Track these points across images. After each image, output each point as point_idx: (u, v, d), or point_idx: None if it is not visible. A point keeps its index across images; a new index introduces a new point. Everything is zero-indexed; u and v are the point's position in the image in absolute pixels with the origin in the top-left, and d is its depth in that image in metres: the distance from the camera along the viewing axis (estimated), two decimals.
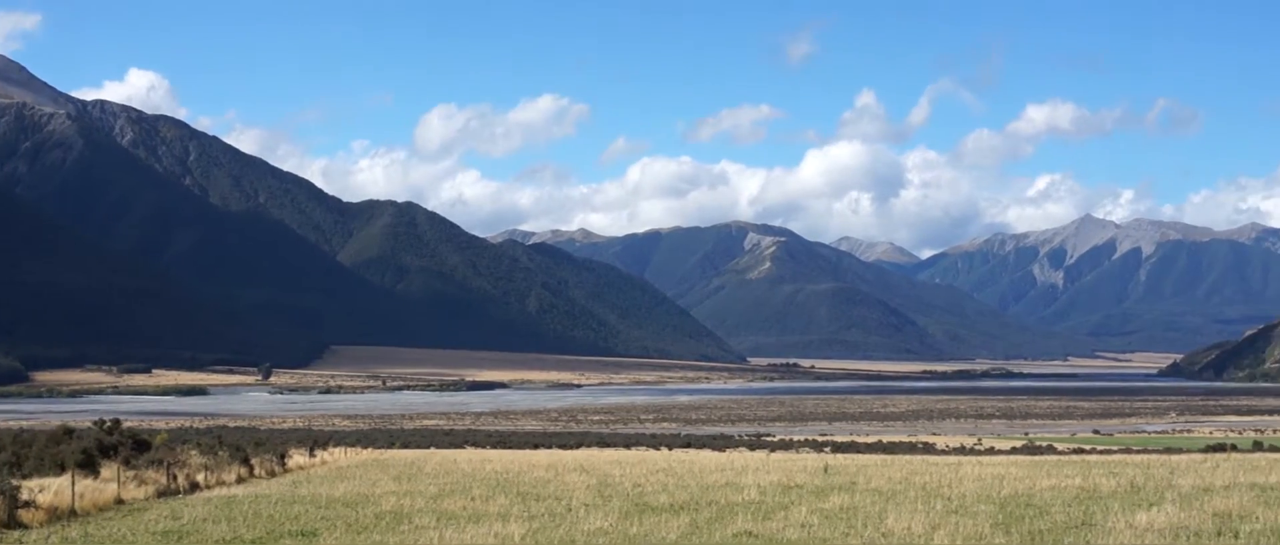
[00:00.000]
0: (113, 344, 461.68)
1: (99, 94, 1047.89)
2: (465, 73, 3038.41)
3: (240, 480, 46.49)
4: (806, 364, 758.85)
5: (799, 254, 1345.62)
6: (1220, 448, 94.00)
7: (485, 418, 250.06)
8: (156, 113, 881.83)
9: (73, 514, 31.33)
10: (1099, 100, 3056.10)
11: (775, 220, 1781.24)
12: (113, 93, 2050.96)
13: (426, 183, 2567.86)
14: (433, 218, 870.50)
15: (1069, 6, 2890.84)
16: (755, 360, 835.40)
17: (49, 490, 32.74)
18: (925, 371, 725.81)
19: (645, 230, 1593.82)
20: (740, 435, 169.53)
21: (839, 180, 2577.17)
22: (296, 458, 63.79)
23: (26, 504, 30.02)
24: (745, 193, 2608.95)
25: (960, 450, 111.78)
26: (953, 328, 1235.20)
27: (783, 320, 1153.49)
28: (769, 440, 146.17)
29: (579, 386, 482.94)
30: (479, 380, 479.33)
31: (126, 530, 28.09)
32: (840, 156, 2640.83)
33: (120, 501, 34.98)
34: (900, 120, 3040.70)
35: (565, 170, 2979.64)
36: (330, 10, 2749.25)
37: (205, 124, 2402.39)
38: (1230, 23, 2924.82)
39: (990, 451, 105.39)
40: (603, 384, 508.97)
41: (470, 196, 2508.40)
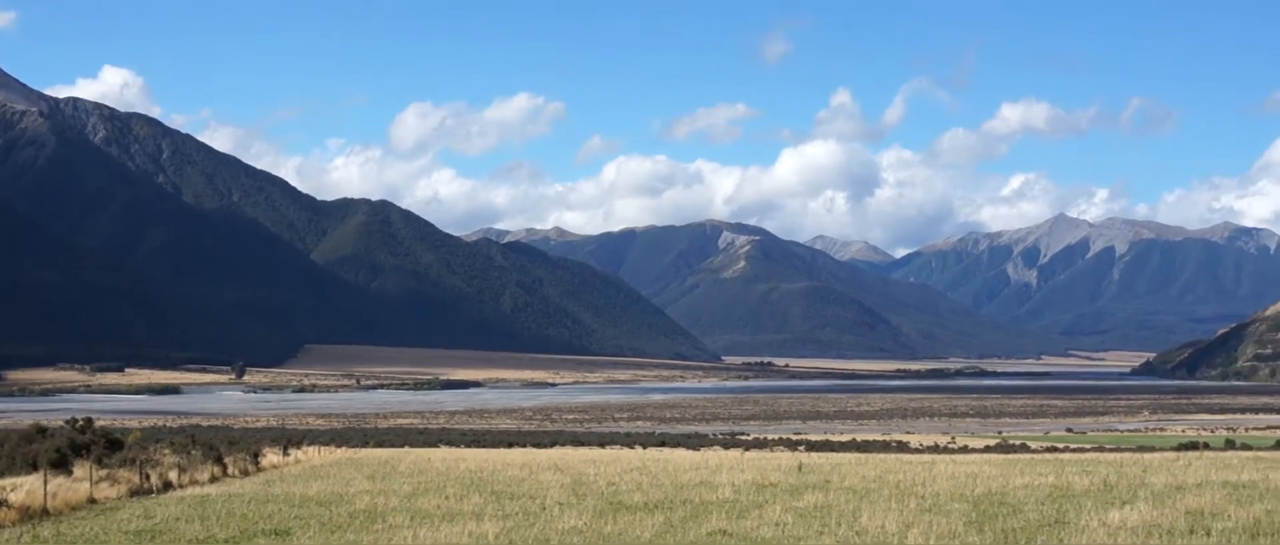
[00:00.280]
0: (86, 342, 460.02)
1: (72, 91, 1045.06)
2: (440, 71, 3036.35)
3: (214, 479, 46.34)
4: (781, 363, 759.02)
5: (773, 253, 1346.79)
6: (1193, 446, 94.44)
7: (459, 416, 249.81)
8: (130, 110, 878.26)
9: (45, 513, 31.20)
10: (1073, 100, 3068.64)
11: (750, 219, 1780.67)
12: (86, 90, 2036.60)
13: (401, 181, 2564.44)
14: (407, 216, 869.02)
15: (1044, 6, 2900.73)
16: (730, 359, 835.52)
17: (21, 489, 32.62)
18: (899, 370, 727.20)
19: (620, 229, 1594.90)
20: (715, 434, 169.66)
21: (814, 179, 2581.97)
22: (270, 457, 63.66)
23: None
24: (721, 191, 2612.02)
25: (934, 449, 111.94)
26: (927, 327, 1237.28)
27: (757, 319, 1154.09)
28: (743, 439, 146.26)
29: (553, 385, 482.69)
30: (453, 379, 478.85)
31: (99, 529, 27.98)
32: (815, 155, 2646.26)
33: (93, 501, 34.85)
34: (875, 119, 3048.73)
35: (540, 169, 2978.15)
36: (306, 9, 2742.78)
37: (179, 122, 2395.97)
38: (1204, 23, 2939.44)
39: (964, 450, 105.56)
40: (577, 383, 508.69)
41: (445, 195, 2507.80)
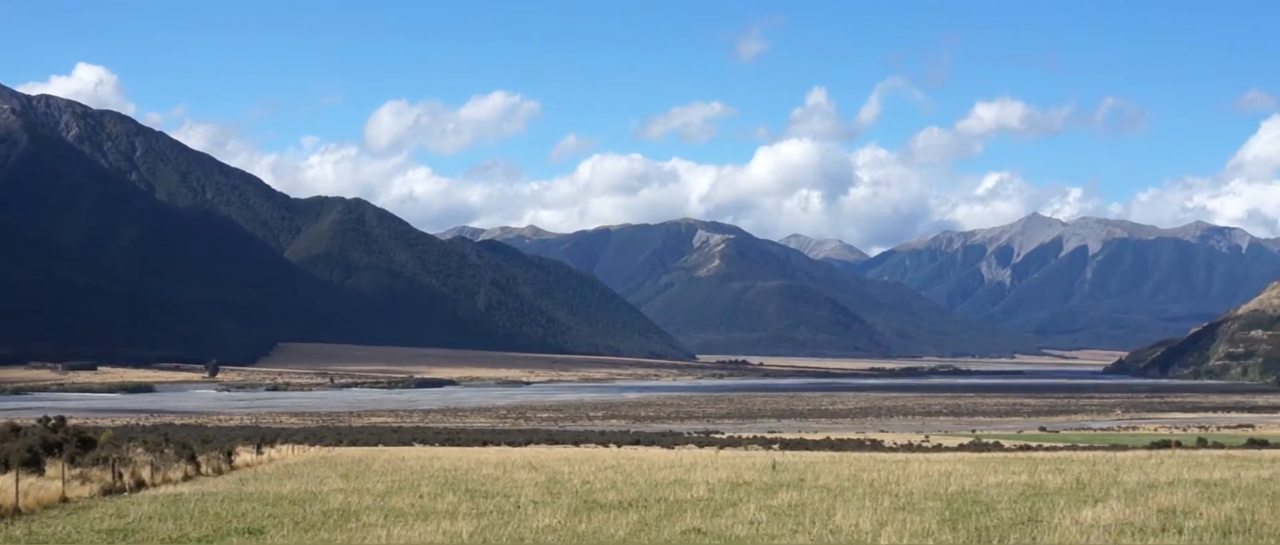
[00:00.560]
0: (58, 341, 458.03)
1: (46, 89, 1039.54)
2: (416, 69, 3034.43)
3: (187, 478, 46.16)
4: (755, 361, 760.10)
5: (748, 251, 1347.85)
6: (1165, 444, 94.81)
7: (434, 415, 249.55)
8: (103, 108, 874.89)
9: (17, 512, 31.05)
10: (1048, 99, 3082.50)
11: (726, 218, 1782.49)
12: (60, 88, 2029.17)
13: (376, 179, 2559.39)
14: (381, 214, 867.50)
15: (1018, 6, 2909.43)
16: (704, 357, 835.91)
17: None
18: (873, 369, 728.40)
19: (595, 227, 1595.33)
20: (689, 432, 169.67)
21: (789, 178, 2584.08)
22: (244, 455, 63.47)
23: None
24: (696, 190, 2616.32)
25: (908, 447, 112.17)
26: (900, 325, 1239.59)
27: (732, 318, 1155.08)
28: (718, 437, 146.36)
29: (528, 384, 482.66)
30: (428, 377, 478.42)
31: (71, 529, 27.86)
32: (791, 154, 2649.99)
33: (65, 500, 34.69)
34: (851, 118, 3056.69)
35: (516, 167, 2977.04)
36: (282, 7, 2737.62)
37: (154, 119, 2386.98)
38: (1178, 23, 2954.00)
39: (937, 448, 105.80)
40: (552, 381, 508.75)
41: (421, 193, 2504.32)
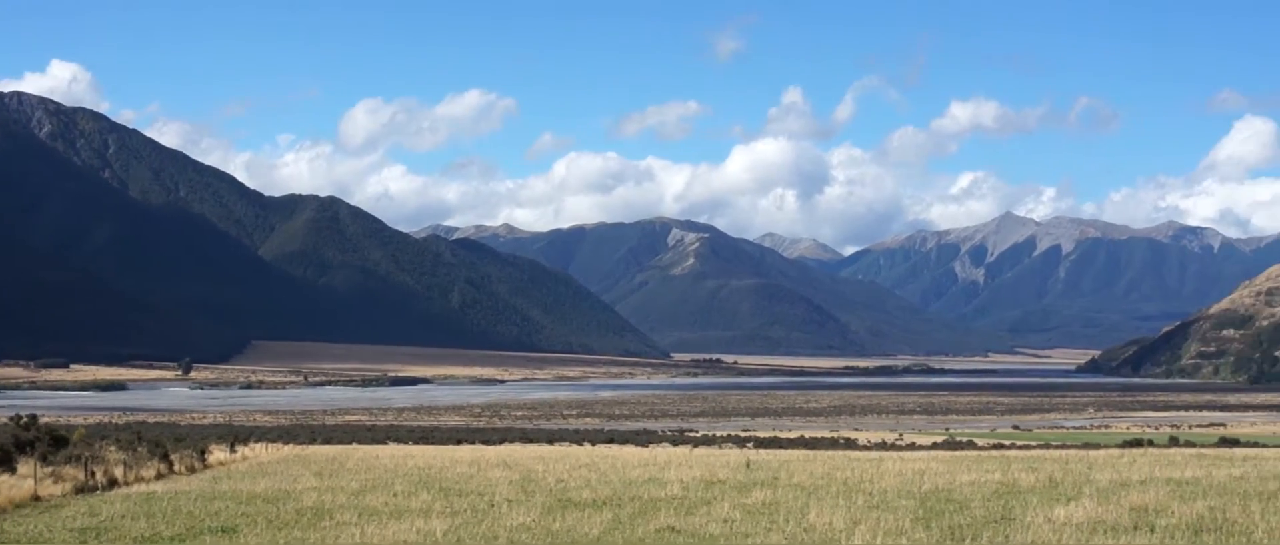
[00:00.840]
0: (30, 338, 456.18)
1: (19, 86, 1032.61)
2: (391, 67, 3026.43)
3: (160, 476, 46.00)
4: (730, 360, 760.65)
5: (722, 250, 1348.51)
6: (1137, 443, 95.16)
7: (408, 413, 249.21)
8: (76, 105, 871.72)
9: None
10: (1022, 99, 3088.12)
11: (701, 216, 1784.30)
12: (34, 84, 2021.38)
13: (351, 177, 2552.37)
14: (355, 212, 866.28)
15: (993, 6, 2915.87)
16: (679, 356, 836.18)
17: None
18: (847, 367, 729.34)
19: (570, 226, 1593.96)
20: (663, 431, 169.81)
21: (764, 176, 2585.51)
22: (217, 454, 63.29)
23: None
24: (671, 189, 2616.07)
25: (881, 446, 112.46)
26: (875, 324, 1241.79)
27: (706, 316, 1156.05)
28: (692, 436, 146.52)
29: (502, 382, 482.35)
30: (402, 376, 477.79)
31: (43, 527, 27.76)
32: (766, 153, 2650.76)
33: (37, 498, 34.56)
34: (826, 117, 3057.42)
35: (491, 165, 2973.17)
36: (257, 4, 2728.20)
37: (128, 117, 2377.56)
38: (1151, 24, 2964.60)
39: (911, 447, 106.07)
40: (526, 379, 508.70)
41: (396, 191, 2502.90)
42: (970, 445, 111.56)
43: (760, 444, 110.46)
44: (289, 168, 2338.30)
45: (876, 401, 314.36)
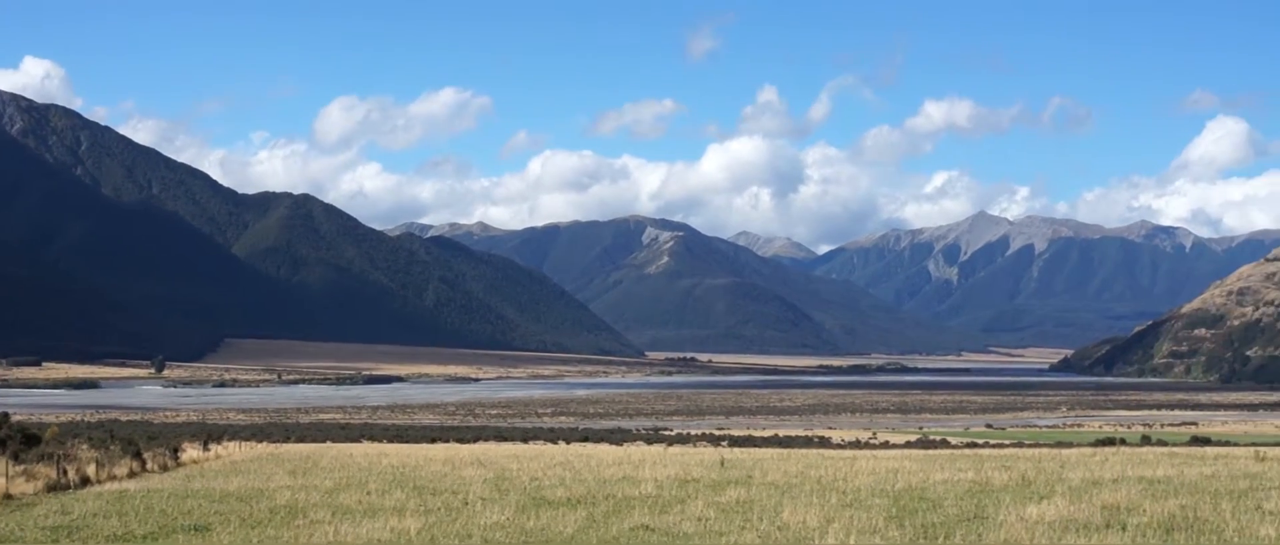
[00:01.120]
0: (2, 336, 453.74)
1: None
2: (366, 64, 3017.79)
3: (132, 474, 45.87)
4: (704, 358, 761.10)
5: (697, 249, 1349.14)
6: (1109, 442, 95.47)
7: (382, 412, 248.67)
8: (49, 102, 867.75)
9: None
10: (996, 98, 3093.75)
11: (676, 215, 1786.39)
12: (7, 81, 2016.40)
13: (326, 175, 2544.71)
14: (329, 210, 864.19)
15: (968, 6, 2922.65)
16: (653, 355, 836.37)
17: None
18: (821, 366, 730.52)
19: (544, 224, 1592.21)
20: (638, 429, 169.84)
21: (740, 175, 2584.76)
22: (190, 452, 63.12)
23: None
24: (646, 187, 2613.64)
25: (855, 444, 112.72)
26: (848, 323, 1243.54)
27: (680, 315, 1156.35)
28: (666, 434, 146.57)
29: (477, 380, 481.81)
30: (376, 374, 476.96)
31: (15, 526, 27.67)
32: (741, 151, 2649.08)
33: (9, 496, 34.46)
34: (801, 116, 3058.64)
35: (466, 163, 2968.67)
36: (232, 1, 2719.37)
37: (101, 114, 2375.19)
38: (1124, 24, 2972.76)
39: (885, 445, 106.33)
40: (500, 378, 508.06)
41: (371, 189, 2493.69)
42: (944, 444, 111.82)
43: (734, 442, 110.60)
44: (263, 165, 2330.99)
45: (850, 400, 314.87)
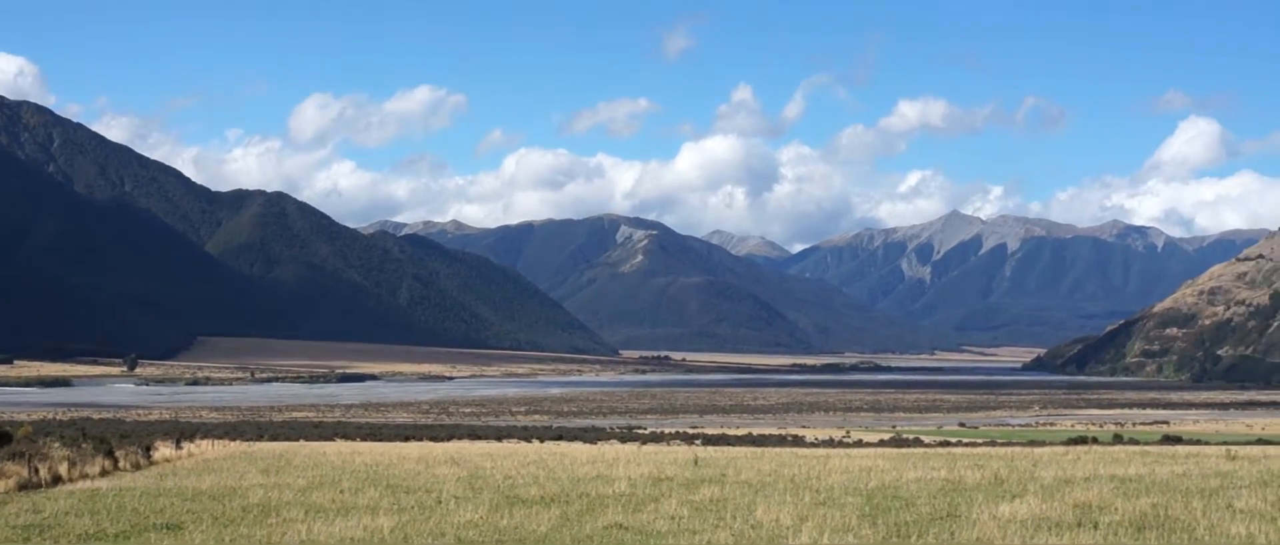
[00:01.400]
0: None
1: None
2: (341, 62, 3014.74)
3: (104, 473, 45.67)
4: (678, 357, 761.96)
5: (671, 247, 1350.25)
6: (1081, 440, 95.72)
7: (355, 410, 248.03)
8: (21, 98, 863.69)
9: None
10: (970, 98, 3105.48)
11: (650, 213, 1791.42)
12: None
13: (301, 172, 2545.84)
14: (302, 207, 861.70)
15: (942, 5, 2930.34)
16: (627, 353, 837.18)
17: None
18: (795, 365, 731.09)
19: (518, 222, 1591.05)
20: (612, 428, 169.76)
21: (714, 174, 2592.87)
22: (162, 450, 62.85)
23: None
24: (621, 185, 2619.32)
25: (829, 443, 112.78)
26: (822, 322, 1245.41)
27: (654, 313, 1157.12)
28: (640, 433, 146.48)
29: (450, 379, 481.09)
30: (349, 372, 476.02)
31: None
32: (715, 150, 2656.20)
33: None
34: (775, 115, 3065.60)
35: (441, 161, 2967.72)
36: None
37: (74, 111, 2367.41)
38: (1098, 24, 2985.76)
39: (858, 444, 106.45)
40: (474, 376, 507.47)
41: (345, 187, 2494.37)
42: (917, 442, 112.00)
43: (708, 441, 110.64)
44: (238, 163, 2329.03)
45: (824, 399, 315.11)
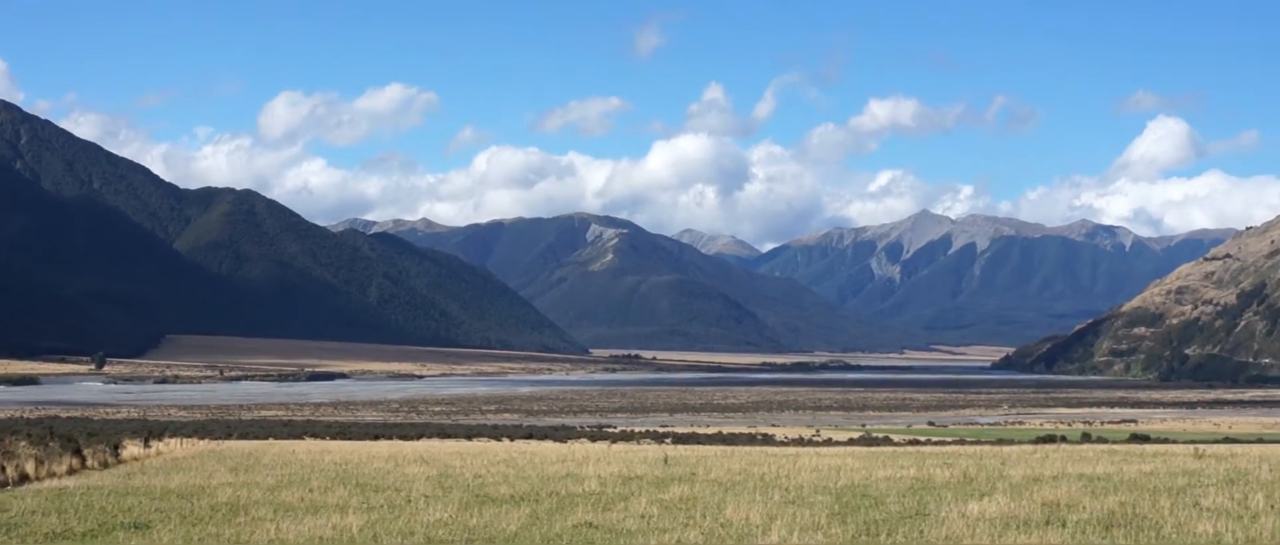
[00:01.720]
0: None
1: None
2: (312, 60, 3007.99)
3: (72, 471, 45.48)
4: (648, 355, 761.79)
5: (641, 246, 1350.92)
6: (1050, 439, 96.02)
7: (325, 408, 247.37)
8: None
9: None
10: (941, 97, 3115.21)
11: (621, 212, 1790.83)
12: None
13: (271, 170, 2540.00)
14: (272, 205, 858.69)
15: (913, 4, 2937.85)
16: (597, 352, 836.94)
17: None
18: (764, 363, 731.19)
19: (488, 221, 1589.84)
20: (582, 426, 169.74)
21: (685, 173, 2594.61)
22: (131, 448, 62.58)
23: None
24: (592, 184, 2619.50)
25: (798, 441, 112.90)
26: (792, 320, 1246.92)
27: (625, 312, 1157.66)
28: (610, 431, 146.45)
29: (420, 377, 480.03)
30: (319, 370, 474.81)
31: None
32: (686, 149, 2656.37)
33: None
34: (746, 114, 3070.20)
35: (412, 159, 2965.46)
36: None
37: (43, 108, 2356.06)
38: (1068, 24, 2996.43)
39: (828, 443, 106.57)
40: (444, 375, 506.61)
41: (316, 185, 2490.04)
42: (886, 441, 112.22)
43: (678, 440, 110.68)
44: (207, 160, 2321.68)
45: (793, 397, 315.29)
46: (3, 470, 39.86)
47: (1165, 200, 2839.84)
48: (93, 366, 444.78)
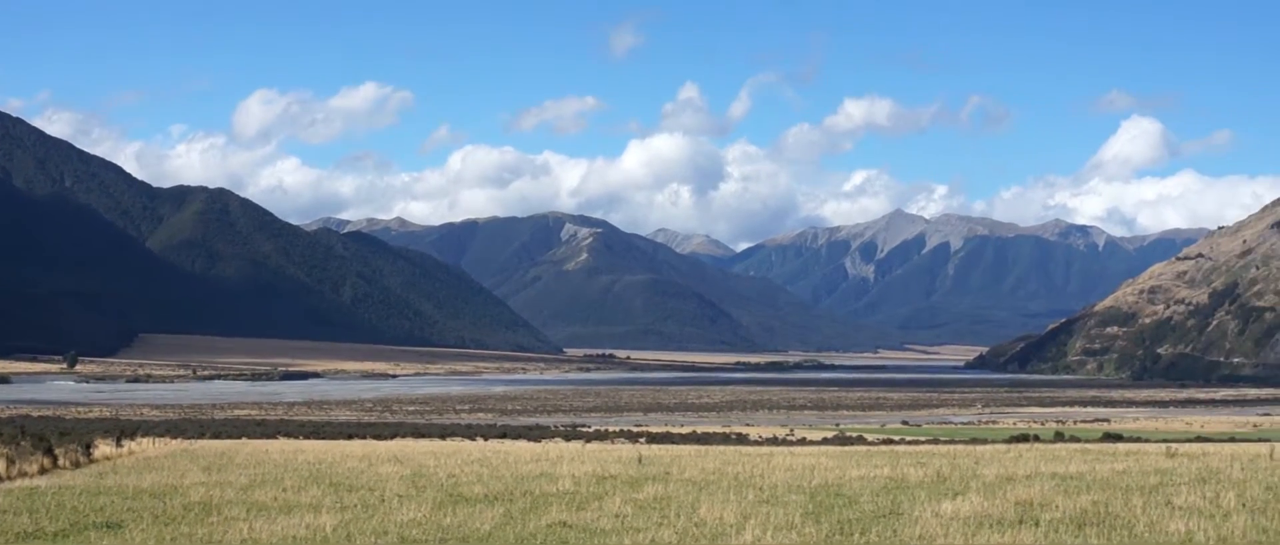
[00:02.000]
0: None
1: None
2: (286, 58, 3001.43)
3: (43, 471, 45.30)
4: (622, 355, 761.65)
5: (615, 245, 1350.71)
6: (1023, 438, 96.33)
7: (298, 408, 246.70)
8: None
9: None
10: (915, 97, 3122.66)
11: (597, 211, 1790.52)
12: None
13: (245, 169, 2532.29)
14: (245, 204, 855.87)
15: (888, 4, 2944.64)
16: (572, 351, 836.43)
17: None
18: (739, 363, 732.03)
19: (462, 219, 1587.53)
20: (556, 426, 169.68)
21: (660, 172, 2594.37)
22: (103, 448, 62.35)
23: None
24: (567, 183, 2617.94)
25: (773, 441, 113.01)
26: (766, 320, 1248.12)
27: (599, 311, 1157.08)
28: (584, 431, 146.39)
29: (394, 376, 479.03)
30: (292, 370, 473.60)
31: None
32: (662, 148, 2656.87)
33: None
34: (721, 113, 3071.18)
35: (387, 158, 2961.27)
36: None
37: (15, 105, 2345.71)
38: (1042, 23, 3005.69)
39: (802, 442, 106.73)
40: (418, 374, 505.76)
41: (290, 184, 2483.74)
42: (860, 440, 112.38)
43: (652, 439, 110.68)
44: (181, 159, 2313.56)
45: (768, 397, 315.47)
46: None
47: (1139, 200, 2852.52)
48: (64, 366, 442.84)
